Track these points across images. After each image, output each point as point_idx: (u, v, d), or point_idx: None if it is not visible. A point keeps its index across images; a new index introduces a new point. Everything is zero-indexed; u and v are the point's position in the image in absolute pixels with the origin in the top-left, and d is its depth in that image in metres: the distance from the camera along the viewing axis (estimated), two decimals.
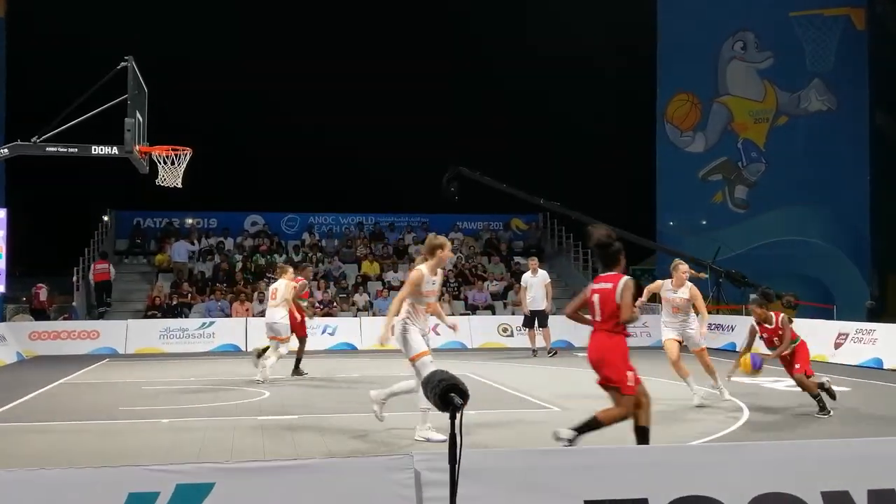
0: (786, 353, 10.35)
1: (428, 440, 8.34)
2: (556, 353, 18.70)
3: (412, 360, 8.60)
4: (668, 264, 29.88)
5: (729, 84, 28.44)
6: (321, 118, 32.58)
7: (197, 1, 31.51)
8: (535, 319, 18.88)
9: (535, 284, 18.87)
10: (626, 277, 6.84)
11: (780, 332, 10.25)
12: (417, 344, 8.57)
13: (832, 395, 10.51)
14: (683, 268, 11.50)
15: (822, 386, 10.37)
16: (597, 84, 31.49)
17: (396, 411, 10.57)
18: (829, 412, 10.02)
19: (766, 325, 10.36)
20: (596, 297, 6.96)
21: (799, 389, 10.64)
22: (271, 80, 32.65)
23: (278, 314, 13.91)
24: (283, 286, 14.08)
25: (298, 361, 14.84)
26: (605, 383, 7.05)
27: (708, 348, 15.24)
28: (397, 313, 8.67)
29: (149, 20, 30.31)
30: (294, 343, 14.73)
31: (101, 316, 23.23)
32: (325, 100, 32.76)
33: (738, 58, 28.37)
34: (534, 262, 19.44)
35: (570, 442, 6.82)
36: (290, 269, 14.65)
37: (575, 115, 31.93)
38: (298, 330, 14.64)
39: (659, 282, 12.12)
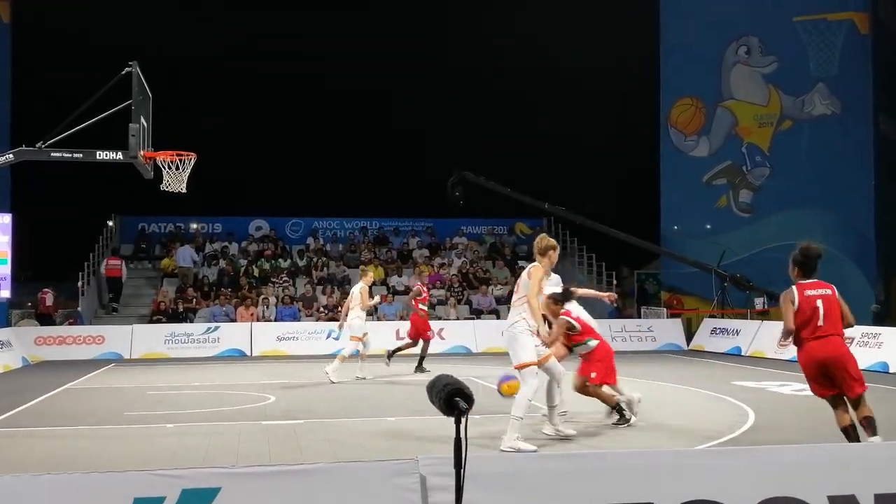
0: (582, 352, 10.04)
1: (518, 450, 8.08)
2: None
3: (519, 367, 8.48)
4: (672, 269, 30.01)
5: (733, 88, 28.43)
6: (324, 122, 32.59)
7: (201, 6, 31.56)
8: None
9: (547, 290, 18.79)
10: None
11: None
12: (529, 352, 8.47)
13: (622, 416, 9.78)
14: None
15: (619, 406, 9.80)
16: (600, 88, 31.46)
17: (401, 415, 10.57)
18: (629, 421, 9.71)
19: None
20: (820, 303, 7.68)
21: (806, 394, 10.61)
22: (275, 85, 32.66)
23: (353, 315, 14.89)
24: (358, 289, 14.98)
25: (422, 360, 16.12)
26: (851, 386, 7.68)
27: (714, 352, 15.36)
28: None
29: (153, 26, 30.36)
30: (371, 344, 15.58)
31: (113, 310, 23.68)
32: (327, 103, 32.76)
33: (743, 62, 28.36)
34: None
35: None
36: (369, 273, 15.66)
37: (579, 119, 31.89)
38: (422, 332, 16.21)
39: None
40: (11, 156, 11.86)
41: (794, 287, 8.17)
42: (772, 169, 27.87)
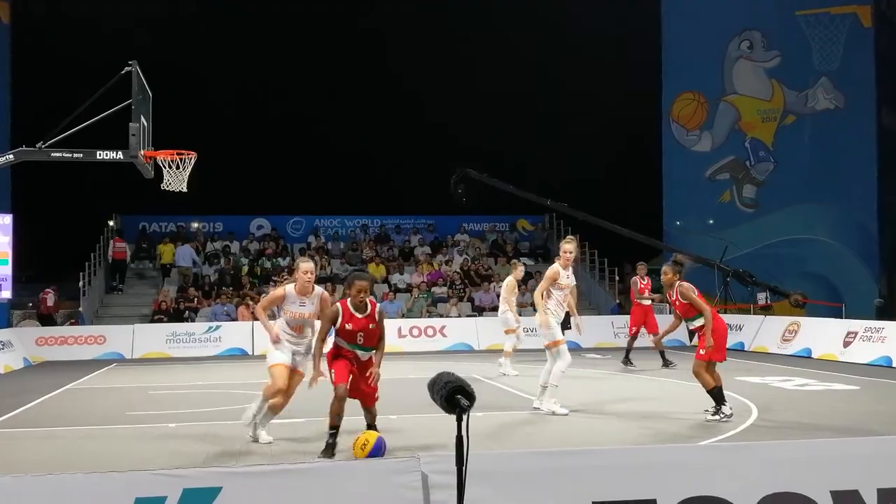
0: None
1: (553, 413, 9.93)
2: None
3: (549, 346, 10.31)
4: None
5: (736, 83, 28.37)
6: (325, 120, 32.59)
7: (201, 5, 31.55)
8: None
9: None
10: None
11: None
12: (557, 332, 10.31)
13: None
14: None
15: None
16: (602, 83, 31.43)
17: (404, 413, 10.55)
18: None
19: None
20: None
21: (809, 389, 10.60)
22: (276, 84, 32.69)
23: (503, 308, 15.49)
24: (506, 282, 15.45)
25: (663, 354, 16.05)
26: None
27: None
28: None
29: (153, 25, 30.35)
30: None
31: (119, 291, 24.73)
32: (328, 102, 32.77)
33: (745, 57, 28.30)
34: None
35: None
36: (519, 267, 15.88)
37: (581, 115, 31.88)
38: (646, 324, 16.48)
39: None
40: (12, 156, 11.86)
41: (685, 283, 9.95)
42: (775, 164, 27.81)
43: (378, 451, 7.38)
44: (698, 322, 9.80)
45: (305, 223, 29.19)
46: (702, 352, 9.59)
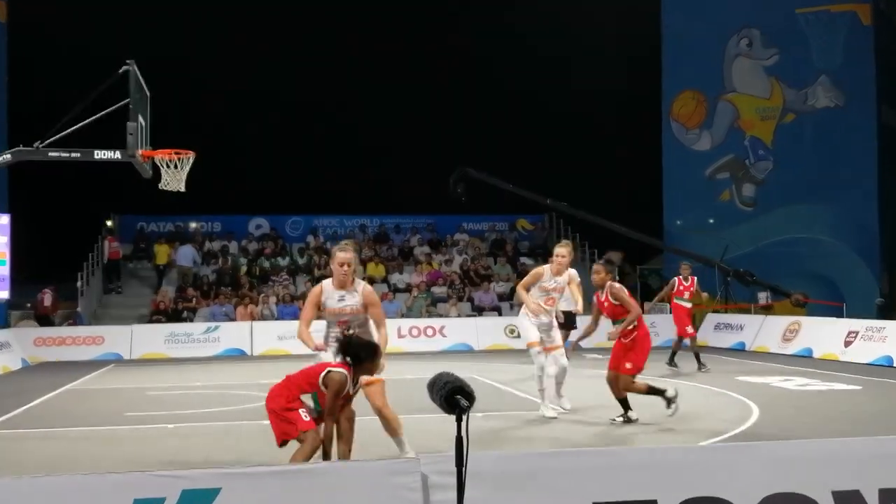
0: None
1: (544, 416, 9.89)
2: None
3: (529, 346, 10.42)
4: (675, 264, 29.98)
5: (735, 81, 28.36)
6: (325, 120, 32.58)
7: (199, 4, 31.51)
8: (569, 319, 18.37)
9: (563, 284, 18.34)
10: None
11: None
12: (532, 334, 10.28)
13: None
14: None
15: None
16: (602, 82, 31.43)
17: (404, 413, 10.53)
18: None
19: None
20: None
21: (810, 388, 10.57)
22: (275, 83, 32.65)
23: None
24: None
25: (697, 356, 15.67)
26: None
27: (718, 347, 15.38)
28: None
29: (151, 24, 30.34)
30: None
31: (118, 292, 24.69)
32: (328, 101, 32.75)
33: (744, 55, 28.28)
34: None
35: None
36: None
37: (580, 113, 31.87)
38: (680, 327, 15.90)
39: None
40: (9, 156, 11.82)
41: (617, 283, 9.72)
42: (775, 162, 27.80)
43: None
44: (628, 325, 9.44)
45: (304, 223, 29.17)
46: (628, 365, 9.30)
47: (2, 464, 7.99)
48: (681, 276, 16.34)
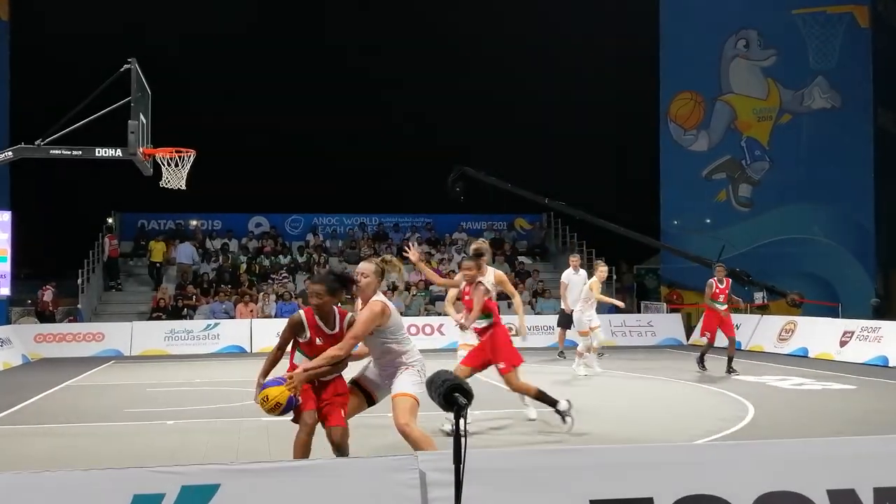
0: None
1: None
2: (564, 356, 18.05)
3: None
4: (672, 263, 30.00)
5: (732, 82, 28.39)
6: (324, 119, 32.56)
7: (201, 4, 31.51)
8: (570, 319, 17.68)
9: (577, 282, 17.53)
10: None
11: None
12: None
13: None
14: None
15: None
16: (600, 83, 31.45)
17: None
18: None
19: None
20: None
21: (806, 388, 10.62)
22: (276, 82, 32.65)
23: (578, 308, 15.14)
24: (590, 283, 15.05)
25: (730, 360, 14.82)
26: None
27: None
28: None
29: (152, 22, 30.33)
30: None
31: (118, 289, 24.81)
32: (328, 100, 32.73)
33: (741, 56, 28.31)
34: (575, 259, 17.90)
35: None
36: (603, 268, 15.22)
37: (578, 114, 31.88)
38: (725, 329, 14.94)
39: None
40: (10, 153, 11.85)
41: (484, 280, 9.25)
42: (771, 163, 27.84)
43: (291, 404, 6.40)
44: (484, 322, 9.21)
45: (304, 221, 29.20)
46: (501, 365, 8.94)
47: (2, 459, 8.02)
48: (716, 279, 15.52)
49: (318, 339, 6.32)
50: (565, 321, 17.99)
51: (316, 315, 6.31)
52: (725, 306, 15.24)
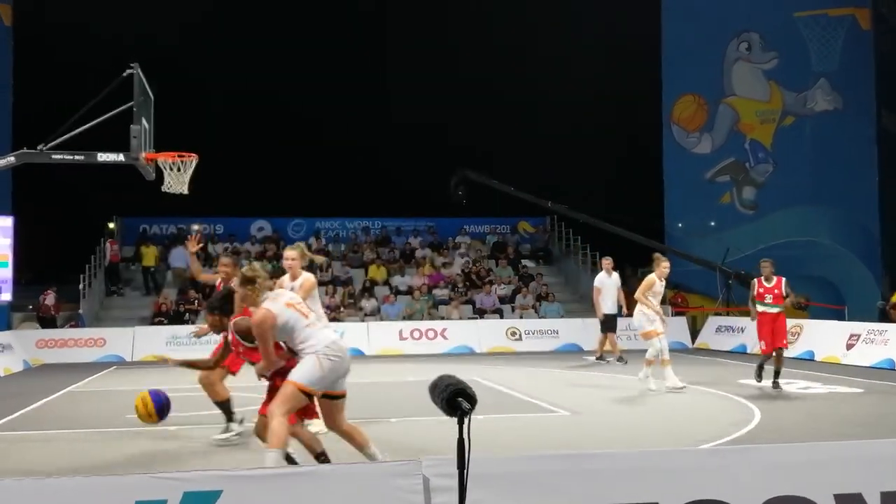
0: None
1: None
2: (625, 361, 17.12)
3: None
4: (676, 266, 30.00)
5: (734, 85, 28.39)
6: (326, 122, 32.60)
7: (203, 9, 31.56)
8: (611, 323, 17.64)
9: (609, 286, 17.60)
10: None
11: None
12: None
13: None
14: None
15: None
16: (603, 86, 31.46)
17: (405, 416, 10.54)
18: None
19: None
20: None
21: (812, 391, 10.55)
22: (276, 86, 32.67)
23: (639, 309, 13.34)
24: (646, 280, 13.40)
25: (776, 374, 12.97)
26: None
27: (719, 350, 15.32)
28: None
29: (155, 28, 30.37)
30: None
31: (120, 294, 24.75)
32: (329, 103, 32.77)
33: (744, 58, 28.32)
34: (608, 262, 17.70)
35: None
36: (664, 262, 13.40)
37: (581, 117, 31.91)
38: (776, 337, 13.15)
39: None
40: (13, 158, 11.87)
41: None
42: (775, 165, 27.83)
43: (159, 399, 7.28)
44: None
45: (306, 225, 29.20)
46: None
47: (4, 465, 8.00)
48: (761, 277, 13.69)
49: (240, 348, 6.91)
50: (607, 326, 17.71)
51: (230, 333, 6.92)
52: (779, 308, 13.22)
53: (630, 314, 16.55)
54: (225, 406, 9.16)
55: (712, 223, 28.48)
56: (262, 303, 6.58)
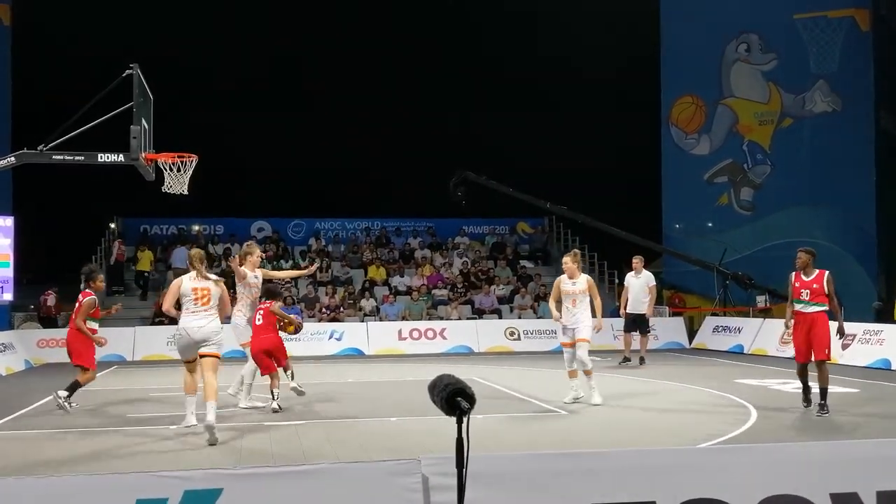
0: None
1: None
2: (643, 362, 17.17)
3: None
4: (674, 267, 29.96)
5: (733, 86, 28.41)
6: (326, 123, 32.64)
7: (203, 9, 31.59)
8: (635, 323, 17.42)
9: (637, 286, 17.31)
10: None
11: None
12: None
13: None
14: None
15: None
16: (601, 87, 31.50)
17: (405, 415, 10.57)
18: None
19: None
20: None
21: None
22: (278, 87, 32.72)
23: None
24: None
25: (822, 393, 10.76)
26: None
27: (716, 350, 15.34)
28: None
29: (155, 28, 30.41)
30: None
31: (121, 294, 24.64)
32: (329, 104, 32.80)
33: (743, 60, 28.35)
34: (637, 261, 17.31)
35: None
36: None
37: (580, 118, 31.94)
38: (814, 345, 11.30)
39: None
40: (13, 158, 11.89)
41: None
42: (773, 167, 27.86)
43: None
44: None
45: (306, 226, 29.21)
46: None
47: (5, 465, 8.03)
48: (798, 270, 11.38)
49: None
50: (631, 326, 17.57)
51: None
52: (818, 308, 10.95)
53: (649, 315, 16.68)
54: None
55: (710, 224, 28.51)
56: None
